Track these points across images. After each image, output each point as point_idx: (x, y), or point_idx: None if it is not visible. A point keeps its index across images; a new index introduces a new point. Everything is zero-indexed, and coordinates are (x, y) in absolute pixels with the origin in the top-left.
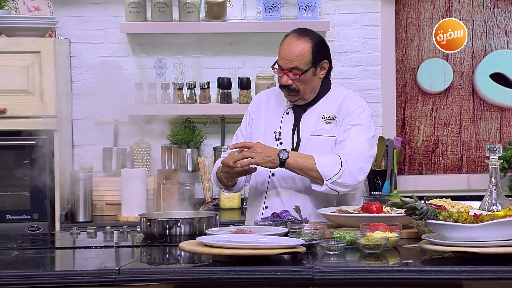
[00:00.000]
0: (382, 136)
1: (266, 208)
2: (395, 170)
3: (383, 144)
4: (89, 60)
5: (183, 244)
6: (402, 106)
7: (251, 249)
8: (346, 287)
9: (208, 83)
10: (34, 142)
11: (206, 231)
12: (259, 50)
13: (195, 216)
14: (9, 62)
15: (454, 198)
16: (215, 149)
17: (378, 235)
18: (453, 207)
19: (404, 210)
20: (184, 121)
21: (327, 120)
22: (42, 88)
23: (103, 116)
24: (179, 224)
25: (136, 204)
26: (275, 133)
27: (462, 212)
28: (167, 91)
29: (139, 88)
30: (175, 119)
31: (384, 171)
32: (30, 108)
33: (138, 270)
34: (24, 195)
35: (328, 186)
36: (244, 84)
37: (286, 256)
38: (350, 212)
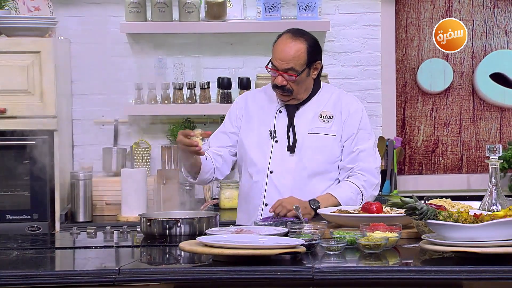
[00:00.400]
0: (382, 136)
1: (266, 205)
2: (395, 170)
3: (383, 144)
4: (89, 60)
5: (183, 244)
6: (402, 106)
7: (251, 249)
8: (346, 287)
9: (208, 83)
10: (34, 142)
11: (206, 231)
12: (259, 50)
13: (195, 216)
14: (9, 62)
15: (454, 198)
16: None
17: (378, 235)
18: (453, 207)
19: (404, 210)
20: (184, 121)
21: (324, 119)
22: (42, 88)
23: (103, 116)
24: (179, 224)
25: (136, 204)
26: (270, 131)
27: (462, 212)
28: (167, 91)
29: (139, 88)
30: (175, 119)
31: (384, 171)
32: (30, 108)
33: (138, 270)
34: (24, 195)
35: None
36: (244, 84)
37: (286, 256)
38: (350, 212)
